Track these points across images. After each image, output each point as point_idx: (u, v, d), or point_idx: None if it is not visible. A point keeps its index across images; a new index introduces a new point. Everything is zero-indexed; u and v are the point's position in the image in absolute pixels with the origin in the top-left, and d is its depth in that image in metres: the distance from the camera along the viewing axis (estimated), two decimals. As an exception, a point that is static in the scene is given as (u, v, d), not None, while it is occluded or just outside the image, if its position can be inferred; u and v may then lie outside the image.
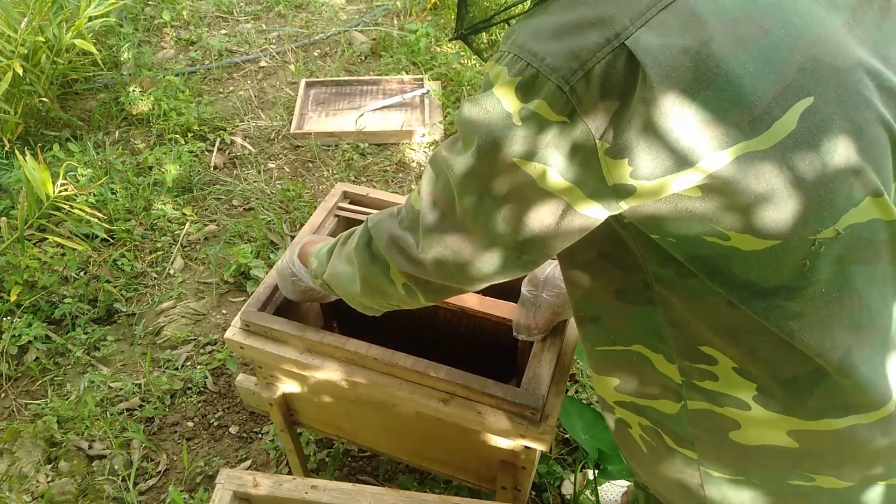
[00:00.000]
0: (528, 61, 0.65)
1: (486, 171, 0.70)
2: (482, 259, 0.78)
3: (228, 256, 2.45)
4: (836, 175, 0.63)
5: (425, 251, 0.81)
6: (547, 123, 0.65)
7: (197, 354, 2.17)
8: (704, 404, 0.79)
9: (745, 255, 0.66)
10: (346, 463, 1.85)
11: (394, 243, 0.85)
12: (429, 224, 0.80)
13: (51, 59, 2.92)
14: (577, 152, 0.65)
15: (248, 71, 3.53)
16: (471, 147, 0.71)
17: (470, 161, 0.71)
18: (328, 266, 1.06)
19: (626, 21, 0.62)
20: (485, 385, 1.14)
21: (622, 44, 0.61)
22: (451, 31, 1.00)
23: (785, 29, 0.62)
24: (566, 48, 0.63)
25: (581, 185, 0.67)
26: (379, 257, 0.89)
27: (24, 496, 1.79)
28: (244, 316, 1.29)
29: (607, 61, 0.62)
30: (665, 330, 0.78)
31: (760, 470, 0.79)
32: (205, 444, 1.93)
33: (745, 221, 0.64)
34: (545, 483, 1.77)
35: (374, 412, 1.35)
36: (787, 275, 0.66)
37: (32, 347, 2.16)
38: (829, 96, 0.62)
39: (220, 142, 3.03)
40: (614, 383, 0.89)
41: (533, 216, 0.71)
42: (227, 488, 1.11)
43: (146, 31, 3.83)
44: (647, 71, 0.60)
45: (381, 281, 0.91)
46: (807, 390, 0.72)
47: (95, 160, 2.85)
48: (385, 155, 2.95)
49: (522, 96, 0.66)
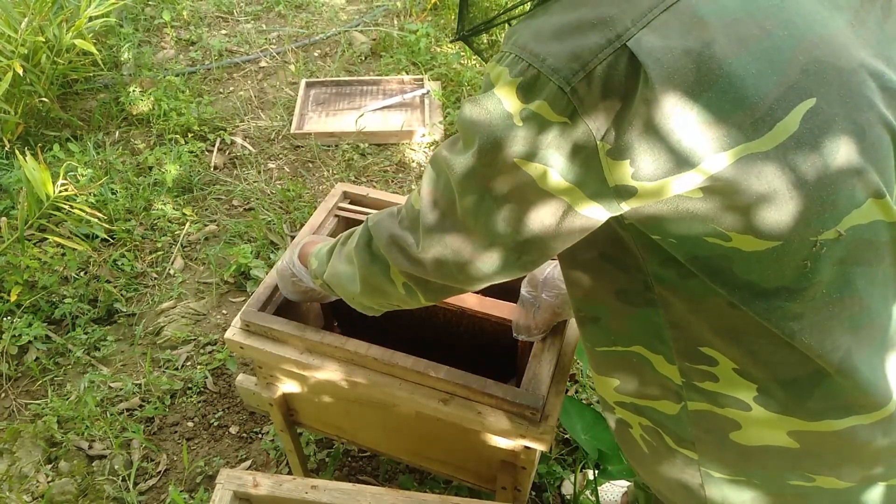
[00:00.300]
0: (529, 62, 0.65)
1: (486, 171, 0.70)
2: (482, 259, 0.77)
3: (228, 256, 2.45)
4: (838, 176, 0.63)
5: (425, 251, 0.81)
6: (548, 124, 0.65)
7: (197, 354, 2.17)
8: (705, 405, 0.79)
9: (747, 255, 0.66)
10: (346, 463, 1.86)
11: (394, 243, 0.85)
12: (429, 224, 0.80)
13: (51, 59, 2.92)
14: (578, 153, 0.65)
15: (248, 71, 3.53)
16: (471, 147, 0.71)
17: (470, 161, 0.71)
18: (328, 266, 1.06)
19: (628, 22, 0.62)
20: (485, 385, 1.14)
21: (624, 45, 0.61)
22: (453, 33, 0.99)
23: (787, 30, 0.62)
24: (567, 49, 0.63)
25: (582, 186, 0.67)
26: (379, 257, 0.89)
27: (24, 496, 1.79)
28: (244, 316, 1.29)
29: (609, 62, 0.61)
30: (665, 331, 0.78)
31: (761, 470, 0.79)
32: (205, 444, 1.93)
33: (747, 222, 0.64)
34: (545, 483, 1.77)
35: (374, 412, 1.35)
36: (789, 276, 0.66)
37: (32, 347, 2.16)
38: (832, 98, 0.62)
39: (220, 142, 3.03)
40: (614, 384, 0.89)
41: (533, 217, 0.71)
42: (227, 488, 1.11)
43: (146, 31, 3.83)
44: (648, 72, 0.60)
45: (381, 281, 0.91)
46: (807, 391, 0.72)
47: (95, 160, 2.85)
48: (385, 155, 2.95)
49: (523, 97, 0.65)
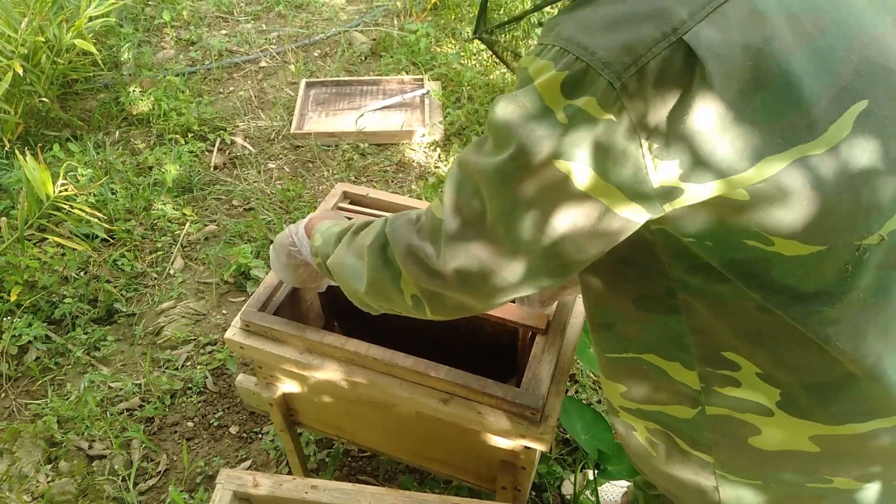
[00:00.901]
0: (576, 55, 0.60)
1: (521, 173, 0.66)
2: (509, 267, 0.72)
3: (228, 256, 2.45)
4: (886, 180, 0.61)
5: (447, 262, 0.75)
6: (593, 121, 0.61)
7: (197, 354, 2.17)
8: (724, 410, 0.77)
9: (788, 259, 0.64)
10: (346, 463, 1.85)
11: (411, 253, 0.79)
12: (452, 232, 0.74)
13: (51, 59, 2.92)
14: (621, 152, 0.61)
15: (248, 71, 3.53)
16: (506, 148, 0.66)
17: (504, 163, 0.66)
18: (334, 251, 0.98)
19: (685, 14, 0.58)
20: (485, 385, 1.14)
21: (680, 39, 0.58)
22: (473, 31, 0.95)
23: (840, 28, 0.61)
24: (619, 41, 0.59)
25: (623, 187, 0.63)
26: (392, 264, 0.84)
27: (24, 496, 1.79)
28: (244, 316, 1.29)
29: (663, 57, 0.58)
30: (687, 337, 0.75)
31: (779, 474, 0.78)
32: (205, 444, 1.93)
33: (793, 227, 0.62)
34: (545, 483, 1.77)
35: (374, 412, 1.35)
36: (829, 279, 0.65)
37: (32, 347, 2.16)
38: (882, 99, 0.61)
39: (220, 142, 3.03)
40: (621, 389, 0.88)
41: (567, 219, 0.67)
42: (227, 488, 1.11)
43: (146, 31, 3.83)
44: (707, 68, 0.57)
45: (388, 287, 0.86)
46: (832, 396, 0.71)
47: (95, 160, 2.85)
48: (385, 155, 2.95)
49: (569, 92, 0.61)
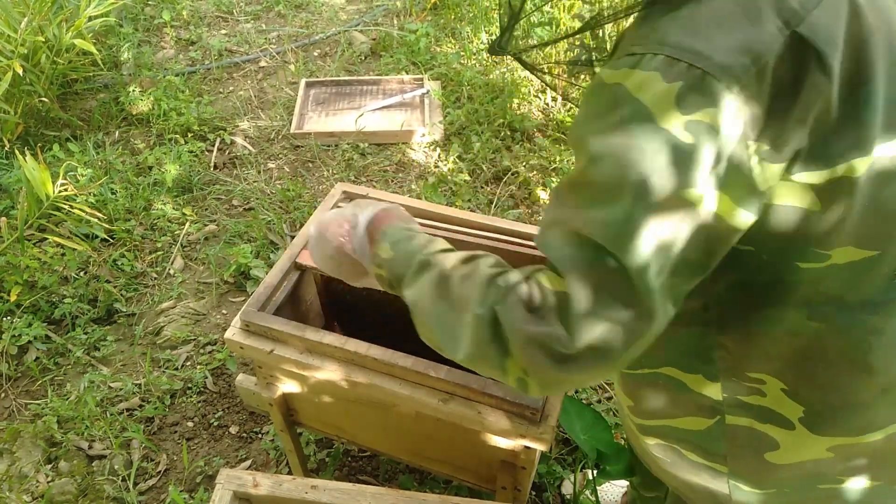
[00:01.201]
0: (689, 62, 0.54)
1: (649, 215, 0.56)
2: (652, 321, 0.61)
3: (228, 256, 2.45)
4: None
5: (581, 340, 0.61)
6: (715, 134, 0.54)
7: (197, 354, 2.17)
8: (746, 420, 0.76)
9: (840, 268, 0.63)
10: (346, 463, 1.86)
11: (534, 341, 0.63)
12: (586, 306, 0.61)
13: (51, 59, 2.92)
14: (739, 161, 0.57)
15: (248, 71, 3.53)
16: (622, 192, 0.57)
17: (627, 211, 0.57)
18: (414, 284, 0.77)
19: (795, 4, 0.55)
20: (485, 385, 1.14)
21: (793, 31, 0.55)
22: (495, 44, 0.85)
23: None
24: (736, 41, 0.55)
25: (741, 200, 0.58)
26: (504, 345, 0.66)
27: (24, 496, 1.79)
28: (244, 316, 1.29)
29: (780, 53, 0.54)
30: (714, 351, 0.74)
31: (793, 480, 0.78)
32: (205, 444, 1.93)
33: (855, 232, 0.61)
34: (545, 483, 1.77)
35: (374, 412, 1.35)
36: (877, 287, 0.65)
37: (32, 347, 2.16)
38: None
39: (220, 142, 3.03)
40: (629, 403, 0.88)
41: (700, 248, 0.59)
42: (227, 488, 1.11)
43: (146, 31, 3.83)
44: (825, 59, 0.54)
45: (490, 363, 0.69)
46: (856, 412, 0.71)
47: (95, 160, 2.85)
48: (385, 155, 2.95)
49: (688, 105, 0.54)
